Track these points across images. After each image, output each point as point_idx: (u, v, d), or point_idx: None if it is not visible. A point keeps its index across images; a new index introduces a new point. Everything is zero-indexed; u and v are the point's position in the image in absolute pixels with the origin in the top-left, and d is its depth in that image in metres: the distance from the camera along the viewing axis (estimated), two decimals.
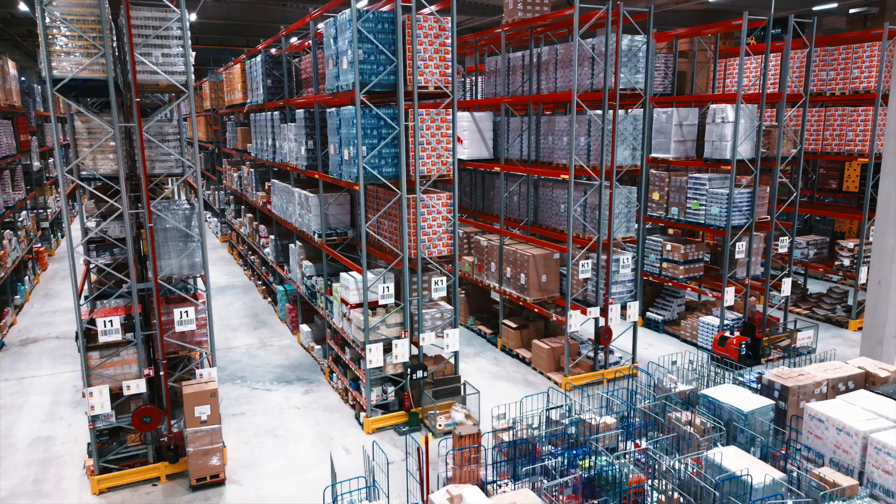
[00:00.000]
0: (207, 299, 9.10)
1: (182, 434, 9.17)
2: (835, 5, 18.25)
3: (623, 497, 7.61)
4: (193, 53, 9.08)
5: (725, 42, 18.00)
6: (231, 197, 23.15)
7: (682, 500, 7.62)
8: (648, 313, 15.59)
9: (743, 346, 12.68)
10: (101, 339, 8.37)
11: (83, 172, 9.62)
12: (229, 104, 19.70)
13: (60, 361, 13.54)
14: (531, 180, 13.65)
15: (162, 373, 8.82)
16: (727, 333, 13.05)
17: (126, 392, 8.61)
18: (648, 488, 7.80)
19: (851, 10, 19.80)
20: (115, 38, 9.55)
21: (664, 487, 7.71)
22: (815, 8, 18.44)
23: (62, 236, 27.60)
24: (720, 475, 7.16)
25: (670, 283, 14.50)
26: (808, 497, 6.95)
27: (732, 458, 7.51)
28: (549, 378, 12.37)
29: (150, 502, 8.47)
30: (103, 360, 8.52)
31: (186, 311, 8.80)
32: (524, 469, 7.89)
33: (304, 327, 14.13)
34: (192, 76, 8.66)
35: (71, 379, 12.58)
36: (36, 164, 22.24)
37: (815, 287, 18.18)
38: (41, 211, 22.70)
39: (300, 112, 12.64)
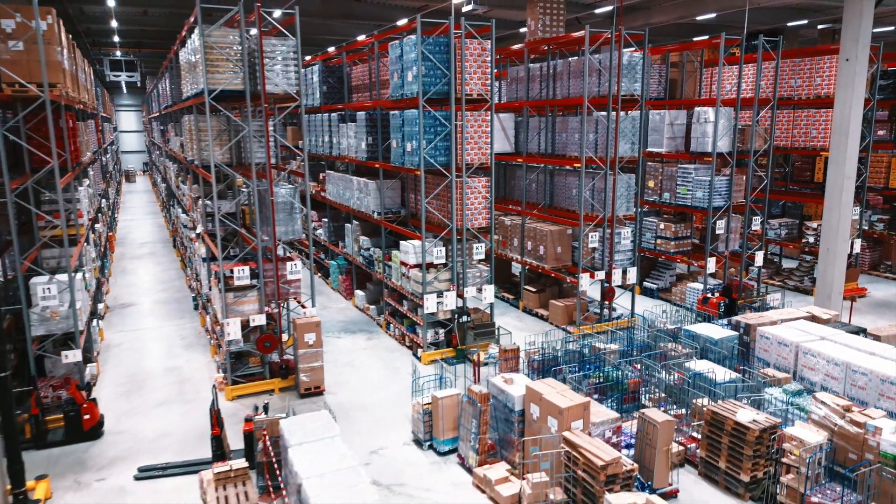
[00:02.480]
0: (310, 256, 11.98)
1: (288, 358, 12.05)
2: (805, 22, 21.11)
3: (624, 394, 10.49)
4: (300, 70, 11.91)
5: (711, 54, 20.84)
6: None
7: (665, 395, 10.51)
8: (645, 283, 18.47)
9: (722, 304, 15.54)
10: (237, 283, 11.26)
11: (197, 161, 12.56)
12: (279, 106, 22.56)
13: (159, 319, 16.42)
14: (547, 170, 16.53)
15: (277, 311, 11.70)
16: (709, 295, 15.92)
17: (252, 324, 11.49)
18: (642, 389, 10.70)
19: (820, 26, 22.70)
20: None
21: (653, 388, 10.59)
22: (788, 24, 21.31)
23: (115, 224, 30.51)
24: (693, 374, 10.06)
25: (663, 257, 17.38)
26: (754, 384, 9.83)
27: (703, 366, 10.39)
28: (564, 330, 15.23)
29: (272, 405, 11.33)
30: (236, 299, 11.40)
31: (295, 264, 11.69)
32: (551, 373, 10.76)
33: (359, 292, 17.01)
34: (303, 87, 11.52)
35: (175, 330, 15.47)
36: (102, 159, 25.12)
37: (788, 264, 21.05)
38: (105, 200, 25.56)
39: (361, 114, 15.51)
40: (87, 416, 10.04)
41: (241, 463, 7.74)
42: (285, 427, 8.04)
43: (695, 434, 9.55)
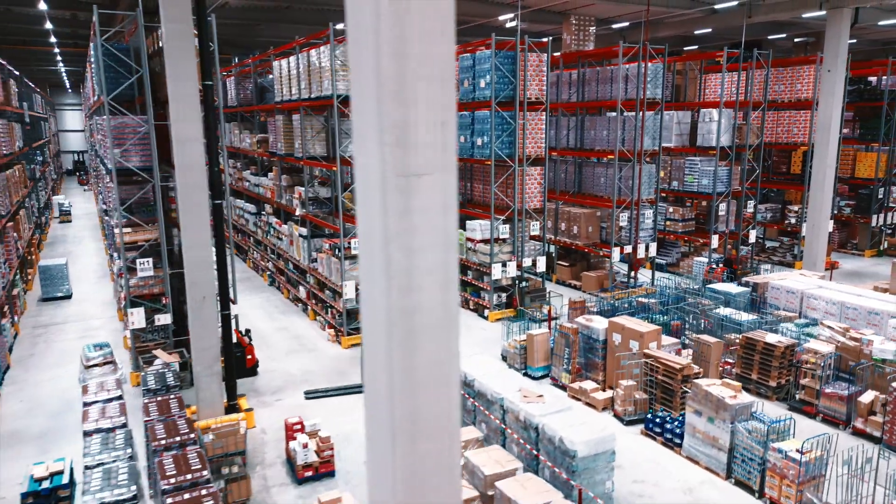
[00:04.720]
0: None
1: None
2: (784, 35, 24.49)
3: (668, 334, 13.33)
4: None
5: (708, 63, 24.03)
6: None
7: (699, 334, 13.36)
8: (655, 259, 21.45)
9: (725, 274, 18.61)
10: (353, 252, 13.79)
11: (300, 154, 15.03)
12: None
13: (242, 294, 18.61)
14: (576, 162, 19.36)
15: None
16: (714, 266, 18.98)
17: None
18: (683, 329, 13.57)
19: (796, 39, 26.15)
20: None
21: (688, 330, 13.46)
22: (770, 37, 24.64)
23: None
24: (722, 316, 12.96)
25: (673, 237, 20.39)
26: (771, 320, 12.79)
27: (728, 311, 13.29)
28: (596, 295, 18.07)
29: None
30: (350, 266, 13.92)
31: None
32: None
33: None
34: None
35: (263, 301, 17.84)
36: None
37: (770, 244, 24.36)
38: None
39: None
40: (249, 357, 12.46)
41: None
42: None
43: (728, 359, 12.45)
